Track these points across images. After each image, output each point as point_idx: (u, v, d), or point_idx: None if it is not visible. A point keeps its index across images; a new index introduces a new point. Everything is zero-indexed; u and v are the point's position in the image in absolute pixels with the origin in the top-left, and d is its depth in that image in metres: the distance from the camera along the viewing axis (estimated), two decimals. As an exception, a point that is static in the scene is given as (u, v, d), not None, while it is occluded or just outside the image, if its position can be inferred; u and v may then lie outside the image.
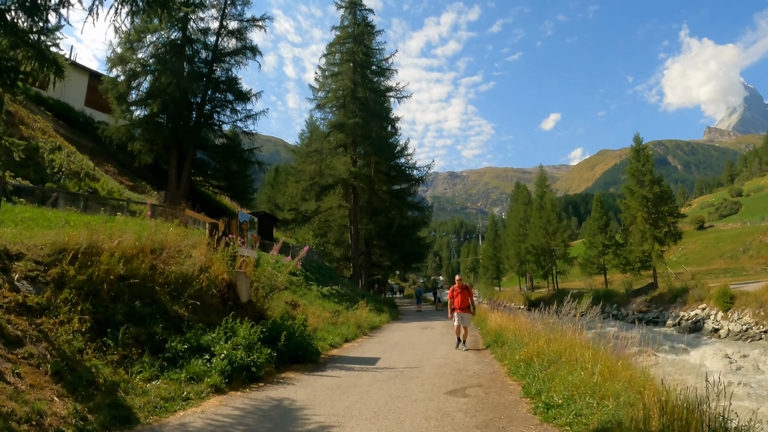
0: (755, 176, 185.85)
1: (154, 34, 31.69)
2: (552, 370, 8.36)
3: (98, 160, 29.04)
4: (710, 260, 79.69)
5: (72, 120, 32.00)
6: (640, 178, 45.49)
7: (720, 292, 34.20)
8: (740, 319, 31.65)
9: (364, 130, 41.28)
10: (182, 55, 32.23)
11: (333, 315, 18.78)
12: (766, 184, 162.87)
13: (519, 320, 15.46)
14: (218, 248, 11.21)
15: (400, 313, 33.23)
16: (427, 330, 20.46)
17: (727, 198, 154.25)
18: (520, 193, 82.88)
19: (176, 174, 31.90)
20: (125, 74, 31.10)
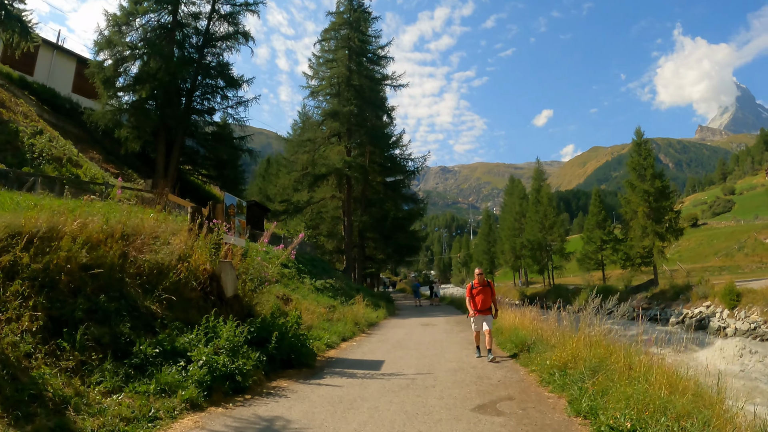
0: (747, 175, 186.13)
1: (143, 16, 30.41)
2: (602, 381, 6.92)
3: (83, 147, 27.98)
4: (705, 258, 79.15)
5: (57, 105, 30.93)
6: (642, 173, 44.38)
7: (726, 289, 33.26)
8: (748, 317, 30.68)
9: (359, 118, 39.97)
10: (172, 40, 30.91)
11: (328, 311, 17.34)
12: (758, 183, 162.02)
13: (528, 317, 14.14)
14: (201, 235, 9.73)
15: (396, 308, 31.80)
16: (430, 327, 19.03)
17: (720, 196, 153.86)
18: (515, 187, 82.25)
19: (164, 162, 30.59)
20: (113, 58, 29.72)
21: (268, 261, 11.96)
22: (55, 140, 24.07)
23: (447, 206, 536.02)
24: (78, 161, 23.81)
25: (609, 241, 55.97)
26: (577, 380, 7.35)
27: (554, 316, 12.23)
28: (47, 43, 33.63)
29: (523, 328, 13.03)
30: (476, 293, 11.73)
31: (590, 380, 7.06)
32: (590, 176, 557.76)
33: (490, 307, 11.69)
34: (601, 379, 6.96)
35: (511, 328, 13.54)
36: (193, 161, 35.20)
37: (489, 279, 12.18)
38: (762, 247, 73.17)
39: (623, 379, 6.75)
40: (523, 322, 13.76)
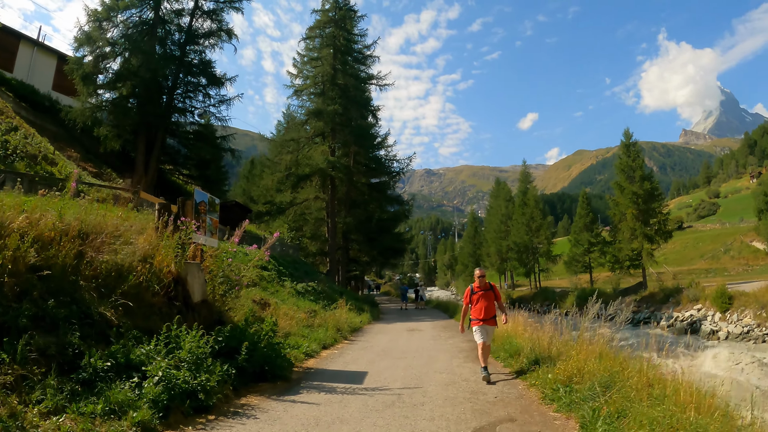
0: (732, 178, 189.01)
1: (124, 12, 29.95)
2: (617, 400, 6.06)
3: (61, 145, 27.33)
4: (690, 260, 79.44)
5: (36, 103, 30.22)
6: (630, 174, 44.02)
7: (717, 292, 33.02)
8: (740, 320, 30.41)
9: (343, 118, 39.22)
10: (154, 36, 30.51)
11: (309, 316, 16.42)
12: (743, 186, 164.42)
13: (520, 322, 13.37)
14: (165, 233, 8.82)
15: (381, 312, 30.94)
16: (416, 333, 18.19)
17: (704, 199, 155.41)
18: (501, 190, 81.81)
19: (143, 161, 30.12)
20: (93, 54, 29.25)
21: (244, 262, 11.06)
22: (31, 137, 23.42)
23: (432, 209, 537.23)
24: (54, 159, 23.18)
25: (597, 244, 55.72)
26: (587, 398, 6.49)
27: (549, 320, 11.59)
28: (28, 40, 33.12)
29: (517, 336, 12.22)
30: (477, 299, 9.62)
31: (603, 398, 6.22)
32: (575, 179, 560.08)
33: (494, 316, 9.64)
34: (616, 397, 6.11)
35: (504, 336, 12.70)
36: (174, 161, 34.72)
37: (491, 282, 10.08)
38: (748, 250, 74.23)
39: (643, 398, 5.93)
40: (516, 328, 12.96)
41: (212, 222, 10.94)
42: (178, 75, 31.76)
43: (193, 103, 33.11)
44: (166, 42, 31.54)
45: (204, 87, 32.91)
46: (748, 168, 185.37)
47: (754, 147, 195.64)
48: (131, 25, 30.09)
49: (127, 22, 30.05)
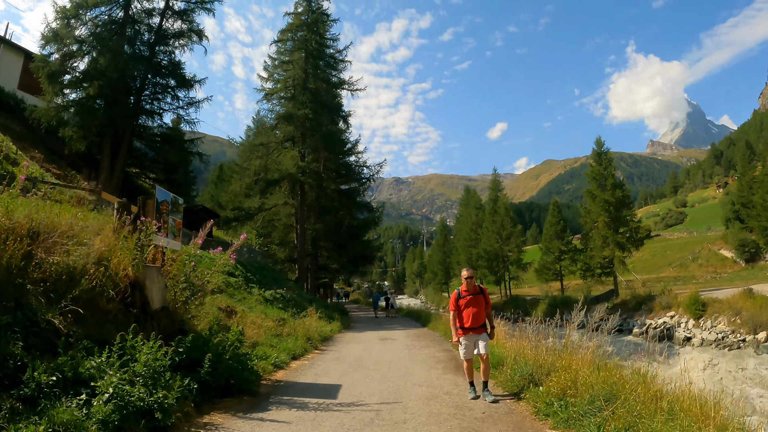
0: (698, 188, 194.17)
1: (93, 10, 28.84)
2: (623, 415, 5.49)
3: (24, 145, 26.31)
4: (659, 268, 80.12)
5: (1, 102, 29.32)
6: (602, 182, 44.03)
7: (690, 299, 33.21)
8: (714, 327, 30.47)
9: (313, 123, 38.55)
10: (123, 36, 29.53)
11: (277, 324, 15.67)
12: (709, 196, 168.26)
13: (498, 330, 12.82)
14: (122, 234, 8.09)
15: (351, 321, 30.23)
16: (389, 342, 17.56)
17: (672, 208, 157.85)
18: (471, 198, 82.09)
19: (109, 163, 29.03)
20: (60, 53, 28.15)
21: (210, 267, 10.36)
22: (-9, 137, 22.12)
23: (401, 217, 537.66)
24: (16, 159, 22.09)
25: (568, 252, 55.80)
26: (588, 412, 5.91)
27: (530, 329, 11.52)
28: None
29: (497, 345, 11.66)
30: (465, 304, 8.50)
31: (606, 412, 5.64)
32: (543, 189, 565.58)
33: (484, 323, 8.57)
34: (621, 412, 5.53)
35: None
36: (141, 164, 33.77)
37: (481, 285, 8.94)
38: (716, 258, 75.03)
39: (652, 413, 5.38)
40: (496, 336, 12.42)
41: (175, 223, 10.24)
42: (147, 76, 30.97)
43: (161, 105, 32.23)
44: (136, 42, 30.73)
45: (173, 89, 32.11)
46: (714, 178, 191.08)
47: (720, 157, 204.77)
48: (100, 24, 29.18)
49: (96, 21, 29.09)
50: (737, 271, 65.87)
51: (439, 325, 21.69)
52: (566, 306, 46.77)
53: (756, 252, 68.36)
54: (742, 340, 28.15)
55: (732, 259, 71.90)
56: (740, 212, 77.16)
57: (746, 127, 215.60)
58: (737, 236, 70.59)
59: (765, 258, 67.57)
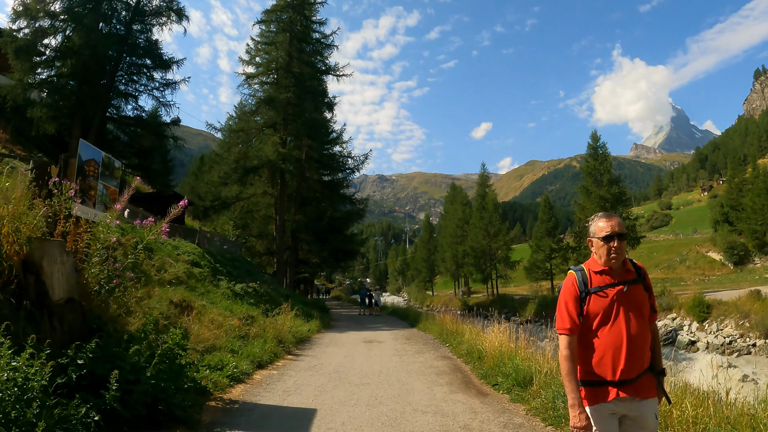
0: (683, 191, 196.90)
1: (67, -16, 27.04)
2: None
3: None
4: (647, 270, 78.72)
5: None
6: (598, 178, 42.03)
7: (694, 301, 31.54)
8: (721, 330, 28.72)
9: (296, 108, 36.04)
10: (98, 13, 27.41)
11: (244, 323, 13.20)
12: (694, 199, 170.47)
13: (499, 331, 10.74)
14: (28, 197, 5.70)
15: (332, 319, 27.66)
16: (375, 345, 15.10)
17: (657, 210, 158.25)
18: (457, 194, 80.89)
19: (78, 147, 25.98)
20: (31, 28, 26.42)
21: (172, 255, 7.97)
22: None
23: (383, 215, 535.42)
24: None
25: (559, 250, 54.03)
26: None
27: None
28: (-41, 13, 29.71)
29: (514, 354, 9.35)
30: (605, 311, 3.19)
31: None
32: (526, 189, 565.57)
33: (650, 366, 3.29)
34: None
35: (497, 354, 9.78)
36: (113, 148, 30.60)
37: (635, 262, 3.53)
38: (704, 260, 74.48)
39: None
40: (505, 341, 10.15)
41: (108, 191, 7.85)
42: (122, 55, 28.91)
43: (136, 86, 30.40)
44: (111, 20, 28.76)
45: (149, 69, 30.23)
46: (699, 181, 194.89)
47: (705, 161, 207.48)
48: (75, 0, 27.38)
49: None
50: (726, 273, 65.52)
51: (430, 326, 19.19)
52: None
53: (745, 255, 67.99)
54: (752, 344, 26.54)
55: (720, 261, 71.33)
56: (729, 215, 76.96)
57: (731, 132, 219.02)
58: (726, 239, 70.19)
59: (754, 261, 67.17)
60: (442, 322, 17.91)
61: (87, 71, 26.60)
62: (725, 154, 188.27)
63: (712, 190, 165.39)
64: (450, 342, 14.35)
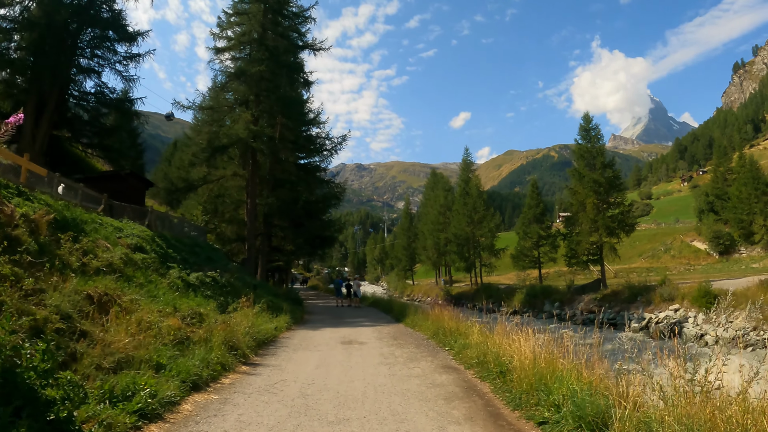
0: (662, 181, 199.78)
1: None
2: None
3: None
4: (629, 259, 78.31)
5: None
6: (590, 161, 39.43)
7: (699, 290, 28.96)
8: (730, 323, 26.36)
9: (270, 84, 33.23)
10: None
11: (188, 323, 10.30)
12: (674, 189, 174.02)
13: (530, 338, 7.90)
14: None
15: (306, 312, 24.64)
16: (356, 348, 12.23)
17: (636, 200, 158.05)
18: (438, 180, 78.87)
19: (32, 125, 25.05)
20: None
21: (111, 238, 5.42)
22: None
23: (362, 203, 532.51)
24: None
25: (547, 237, 51.79)
26: None
27: None
28: None
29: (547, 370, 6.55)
30: None
31: None
32: (505, 179, 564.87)
33: None
34: None
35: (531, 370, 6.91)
36: (72, 127, 29.87)
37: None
38: (689, 250, 74.05)
39: None
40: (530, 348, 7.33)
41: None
42: (83, 27, 27.60)
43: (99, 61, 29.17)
44: None
45: (111, 42, 29.10)
46: (678, 172, 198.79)
47: (684, 152, 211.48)
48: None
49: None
50: (711, 263, 64.93)
51: (420, 322, 16.19)
52: (547, 296, 42.59)
53: (731, 244, 67.47)
54: (767, 338, 24.11)
55: (705, 251, 70.73)
56: (714, 204, 76.85)
57: (710, 124, 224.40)
58: (711, 228, 69.80)
59: (739, 251, 66.75)
60: (437, 317, 15.03)
61: (43, 43, 25.23)
62: (705, 145, 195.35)
63: (692, 180, 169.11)
64: (450, 344, 11.60)
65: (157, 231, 18.04)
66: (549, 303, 40.87)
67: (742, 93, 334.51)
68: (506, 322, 9.83)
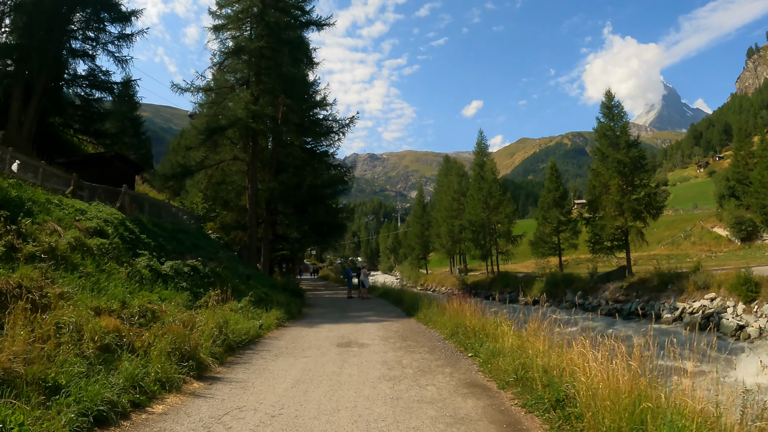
0: (678, 168, 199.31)
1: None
2: None
3: None
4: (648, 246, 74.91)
5: None
6: (614, 140, 36.84)
7: (738, 278, 26.52)
8: None
9: (270, 61, 31.06)
10: None
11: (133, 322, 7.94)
12: (690, 175, 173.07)
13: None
14: None
15: (306, 305, 22.19)
16: (353, 354, 9.75)
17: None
18: (452, 166, 76.37)
19: (19, 109, 24.59)
20: None
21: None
22: None
23: (375, 193, 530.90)
24: None
25: (567, 222, 49.21)
26: None
27: None
28: None
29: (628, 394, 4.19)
30: None
31: None
32: (518, 167, 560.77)
33: None
34: None
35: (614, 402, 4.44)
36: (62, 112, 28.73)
37: None
38: (709, 236, 71.93)
39: None
40: (609, 371, 4.88)
41: None
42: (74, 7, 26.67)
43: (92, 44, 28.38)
44: None
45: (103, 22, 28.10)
46: (693, 158, 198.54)
47: (699, 138, 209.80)
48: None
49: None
50: (733, 250, 62.40)
51: (435, 316, 13.66)
52: (568, 284, 40.12)
53: (753, 230, 64.53)
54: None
55: (727, 237, 68.07)
56: (736, 189, 74.03)
57: (724, 110, 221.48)
58: (733, 214, 66.74)
59: (762, 237, 63.81)
60: (455, 312, 12.46)
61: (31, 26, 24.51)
62: (720, 131, 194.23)
63: (708, 166, 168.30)
64: (474, 349, 9.18)
65: (132, 214, 15.79)
66: (571, 292, 38.48)
67: (757, 78, 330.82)
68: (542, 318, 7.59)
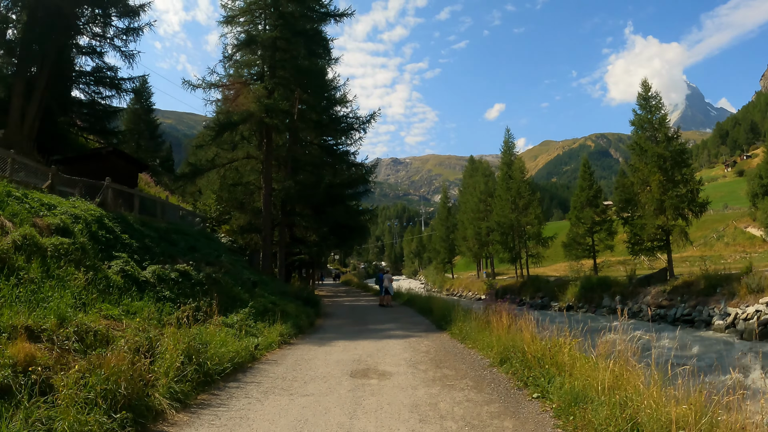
0: (704, 168, 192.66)
1: None
2: None
3: None
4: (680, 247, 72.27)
5: None
6: (652, 133, 34.31)
7: None
8: None
9: (285, 54, 29.36)
10: None
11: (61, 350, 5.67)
12: (718, 175, 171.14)
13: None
14: None
15: (320, 315, 19.60)
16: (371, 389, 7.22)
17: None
18: (477, 166, 74.76)
19: (20, 106, 22.88)
20: None
21: None
22: None
23: (398, 198, 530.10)
24: None
25: (602, 222, 46.70)
26: None
27: None
28: None
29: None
30: None
31: None
32: (541, 169, 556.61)
33: None
34: None
35: None
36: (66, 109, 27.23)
37: None
38: (743, 236, 69.90)
39: None
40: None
41: None
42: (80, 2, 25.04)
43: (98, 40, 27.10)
44: None
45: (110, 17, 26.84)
46: (720, 158, 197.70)
47: (725, 137, 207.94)
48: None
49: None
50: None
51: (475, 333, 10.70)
52: (605, 289, 37.44)
53: None
54: None
55: (761, 237, 65.13)
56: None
57: (750, 108, 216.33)
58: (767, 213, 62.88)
59: None
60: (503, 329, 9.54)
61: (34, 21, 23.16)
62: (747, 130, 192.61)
63: (736, 165, 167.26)
64: (541, 385, 6.55)
65: (115, 211, 13.60)
66: (608, 297, 35.91)
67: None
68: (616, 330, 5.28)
